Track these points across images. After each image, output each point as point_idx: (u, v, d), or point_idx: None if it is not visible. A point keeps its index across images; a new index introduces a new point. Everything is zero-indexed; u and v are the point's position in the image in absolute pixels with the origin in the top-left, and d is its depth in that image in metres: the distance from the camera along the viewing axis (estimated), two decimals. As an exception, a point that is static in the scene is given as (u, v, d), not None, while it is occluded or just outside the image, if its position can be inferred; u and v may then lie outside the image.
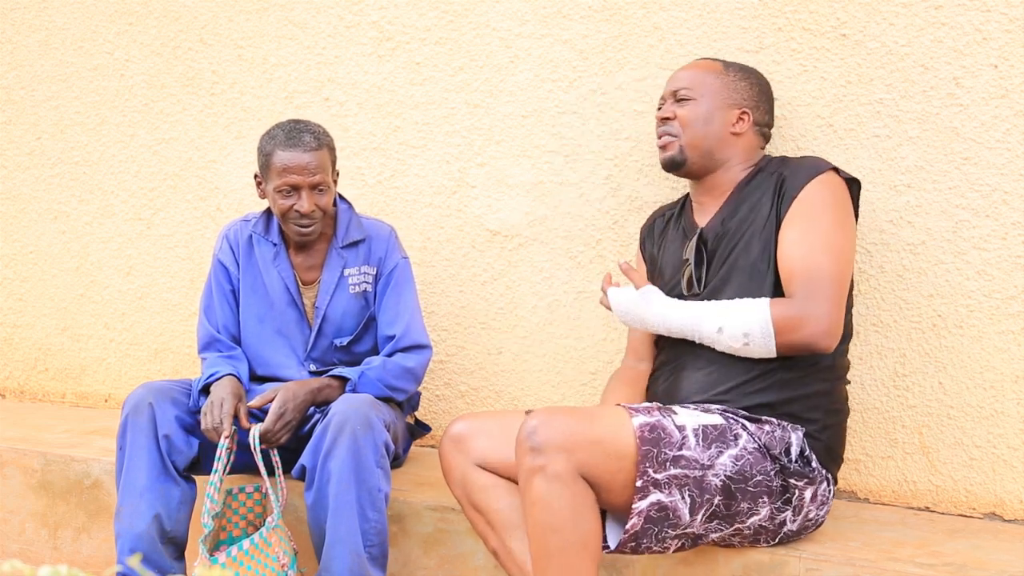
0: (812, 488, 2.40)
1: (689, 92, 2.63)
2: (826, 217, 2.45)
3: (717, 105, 2.61)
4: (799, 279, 2.41)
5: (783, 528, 2.40)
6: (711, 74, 2.64)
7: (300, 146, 2.82)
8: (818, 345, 2.39)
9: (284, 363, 2.98)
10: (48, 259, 4.01)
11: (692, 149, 2.62)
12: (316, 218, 2.86)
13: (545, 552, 2.28)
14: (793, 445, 2.39)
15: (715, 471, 2.30)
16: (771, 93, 2.72)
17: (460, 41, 3.24)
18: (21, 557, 3.31)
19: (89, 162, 3.89)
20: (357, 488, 2.62)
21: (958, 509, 2.73)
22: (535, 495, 2.27)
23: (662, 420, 2.31)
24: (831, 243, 2.42)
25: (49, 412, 3.90)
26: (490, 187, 3.23)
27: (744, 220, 2.53)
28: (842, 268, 2.42)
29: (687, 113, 2.62)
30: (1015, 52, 2.60)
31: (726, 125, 2.61)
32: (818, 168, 2.51)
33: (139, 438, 2.75)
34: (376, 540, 2.64)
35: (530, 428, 2.28)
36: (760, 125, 2.65)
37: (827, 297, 2.38)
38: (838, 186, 2.50)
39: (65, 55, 3.89)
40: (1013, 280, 2.64)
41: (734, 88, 2.63)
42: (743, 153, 2.63)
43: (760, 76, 2.70)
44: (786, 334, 2.38)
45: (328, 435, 2.63)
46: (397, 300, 2.96)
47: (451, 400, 3.36)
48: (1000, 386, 2.67)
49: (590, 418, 2.32)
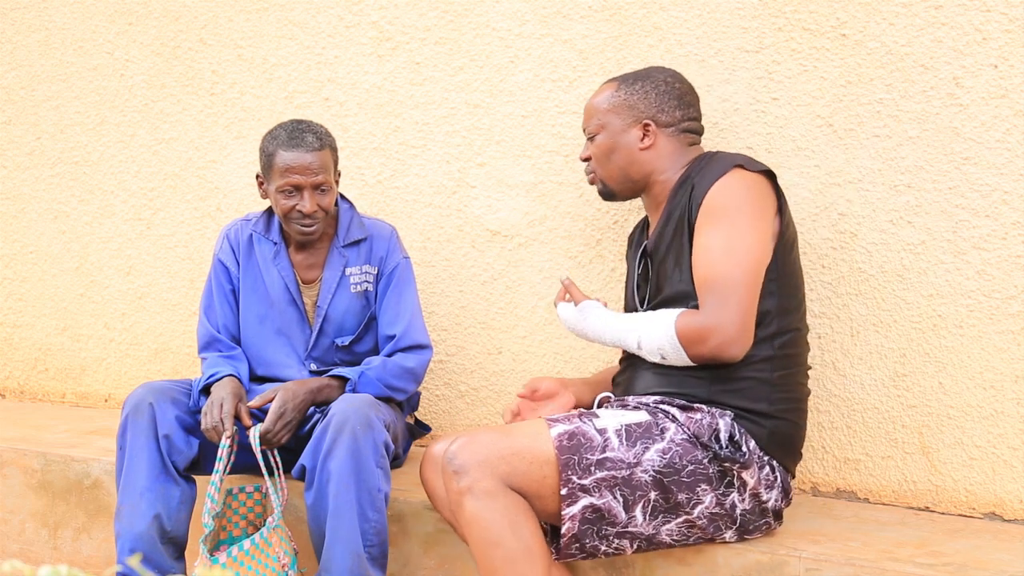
0: (749, 471, 2.40)
1: (592, 128, 2.64)
2: (728, 220, 2.42)
3: (617, 130, 2.61)
4: (705, 289, 2.41)
5: (736, 511, 2.41)
6: (605, 100, 2.63)
7: (303, 146, 2.83)
8: (725, 354, 2.38)
9: (284, 363, 2.98)
10: (48, 259, 4.01)
11: (611, 181, 2.65)
12: (318, 218, 2.87)
13: (492, 568, 2.34)
14: (722, 431, 2.40)
15: (643, 467, 2.34)
16: (679, 85, 2.63)
17: (460, 41, 3.24)
18: (21, 557, 3.31)
19: (89, 162, 3.89)
20: (357, 488, 2.62)
21: (958, 509, 2.73)
22: (468, 515, 2.33)
23: (582, 426, 2.37)
24: (733, 247, 2.40)
25: (49, 412, 3.90)
26: (490, 187, 3.23)
27: (668, 233, 2.53)
28: (749, 273, 2.40)
29: (595, 150, 2.65)
30: (1015, 52, 2.60)
31: (632, 146, 2.60)
32: (722, 169, 2.47)
33: (139, 438, 2.75)
34: (376, 540, 2.64)
35: (451, 454, 2.36)
36: (672, 126, 2.60)
37: (732, 306, 2.37)
38: (742, 183, 2.45)
39: (65, 55, 3.89)
40: (1013, 280, 2.64)
41: (630, 104, 2.60)
42: (666, 160, 2.59)
43: (660, 73, 2.64)
44: (694, 347, 2.39)
45: (328, 435, 2.63)
46: (398, 300, 2.96)
47: (451, 400, 3.36)
48: (1000, 386, 2.67)
49: (508, 432, 2.40)
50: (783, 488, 2.50)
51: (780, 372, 2.48)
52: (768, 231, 2.47)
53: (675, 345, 2.41)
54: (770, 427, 2.46)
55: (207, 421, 2.72)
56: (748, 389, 2.45)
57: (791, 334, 2.51)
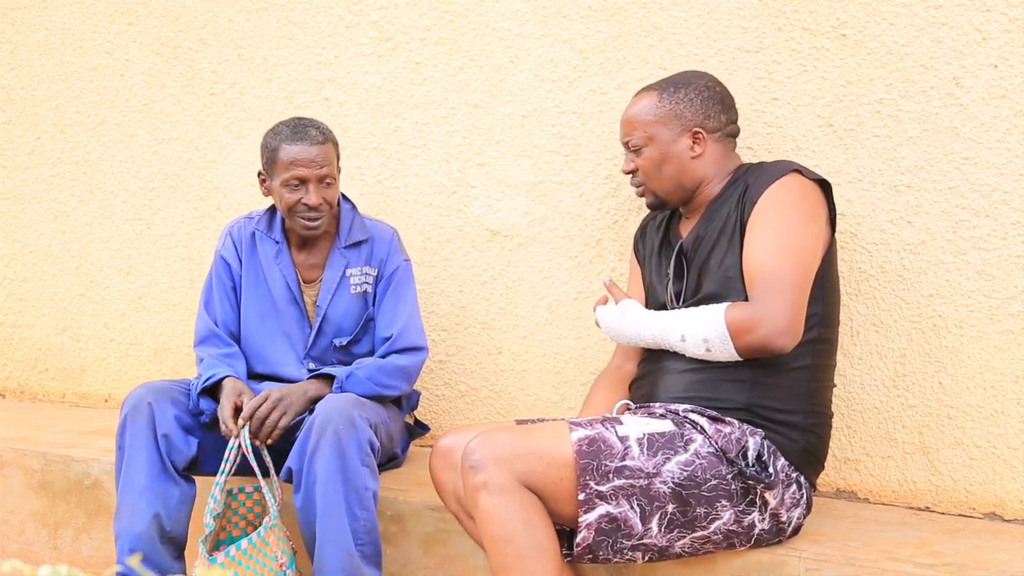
0: (773, 492, 2.39)
1: (637, 140, 2.60)
2: (784, 219, 2.43)
3: (667, 141, 2.58)
4: (756, 282, 2.40)
5: (754, 530, 2.40)
6: (649, 111, 2.59)
7: (307, 139, 2.85)
8: (774, 344, 2.37)
9: (283, 361, 2.98)
10: (48, 259, 4.01)
11: (664, 192, 2.62)
12: (323, 211, 2.88)
13: (503, 564, 2.33)
14: (750, 449, 2.38)
15: (662, 478, 2.32)
16: (719, 89, 2.62)
17: (460, 41, 3.24)
18: (21, 557, 3.31)
19: (89, 162, 3.89)
20: (344, 487, 2.62)
21: (958, 509, 2.73)
22: (483, 511, 2.33)
23: (603, 432, 2.35)
24: (788, 244, 2.41)
25: (49, 412, 3.90)
26: (490, 187, 3.23)
27: (714, 231, 2.52)
28: (801, 269, 2.41)
29: (643, 163, 2.60)
30: (1015, 52, 2.60)
31: (684, 155, 2.57)
32: (780, 171, 2.49)
33: (138, 438, 2.75)
34: (367, 538, 2.64)
35: (469, 449, 2.35)
36: (719, 132, 2.59)
37: (783, 298, 2.37)
38: (799, 187, 2.48)
39: (65, 55, 3.89)
40: (1013, 280, 2.64)
41: (676, 113, 2.57)
42: (714, 167, 2.59)
43: (699, 79, 2.62)
44: (742, 336, 2.38)
45: (312, 436, 2.64)
46: (396, 302, 2.97)
47: (451, 400, 3.36)
48: (1000, 386, 2.67)
49: (528, 432, 2.39)
50: (807, 505, 2.50)
51: (815, 383, 2.49)
52: (820, 235, 2.48)
53: (723, 335, 2.39)
54: (803, 443, 2.46)
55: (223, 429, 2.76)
56: (785, 398, 2.44)
57: (828, 345, 2.52)
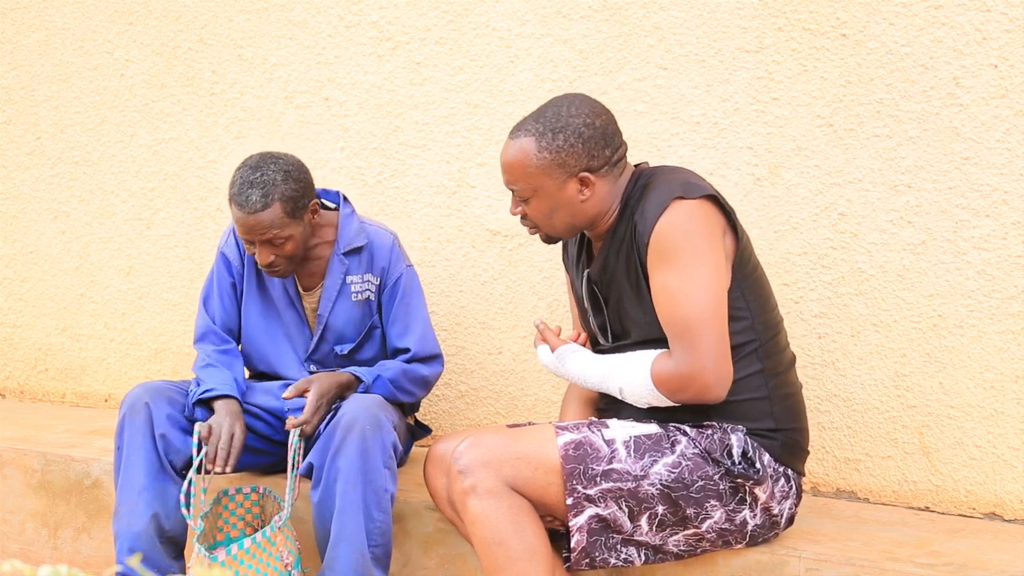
0: (763, 487, 2.38)
1: (522, 192, 2.45)
2: (679, 258, 2.33)
3: (553, 190, 2.42)
4: (671, 333, 2.35)
5: (747, 527, 2.40)
6: (529, 162, 2.41)
7: (246, 207, 2.73)
8: (707, 397, 2.34)
9: (285, 362, 2.99)
10: (48, 259, 4.01)
11: (556, 233, 2.51)
12: (278, 265, 2.81)
13: (495, 567, 2.34)
14: (734, 447, 2.37)
15: (650, 480, 2.33)
16: (599, 121, 2.43)
17: (460, 41, 3.24)
18: (21, 557, 3.31)
19: (89, 162, 3.89)
20: (364, 487, 2.63)
21: (958, 509, 2.73)
22: (472, 515, 2.34)
23: (589, 436, 2.35)
24: (691, 285, 2.32)
25: (49, 412, 3.90)
26: (490, 187, 3.23)
27: (620, 271, 2.45)
28: (711, 303, 2.32)
29: (532, 211, 2.47)
30: (1015, 52, 2.60)
31: (573, 201, 2.43)
32: (660, 204, 2.35)
33: (136, 437, 2.75)
34: (380, 540, 2.65)
35: (457, 454, 2.36)
36: (606, 166, 2.44)
37: (702, 348, 2.31)
38: (685, 214, 2.34)
39: (65, 55, 3.89)
40: (1013, 280, 2.64)
41: (559, 162, 2.41)
42: (608, 201, 2.46)
43: (576, 116, 2.43)
44: (676, 395, 2.35)
45: (337, 434, 2.65)
46: (407, 311, 2.95)
47: (451, 400, 3.36)
48: (1000, 386, 2.67)
49: (515, 436, 2.39)
50: (797, 494, 2.49)
51: (774, 381, 2.44)
52: (721, 257, 2.37)
53: (657, 395, 2.37)
54: (782, 439, 2.44)
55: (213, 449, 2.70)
56: (750, 411, 2.42)
57: (772, 340, 2.46)
